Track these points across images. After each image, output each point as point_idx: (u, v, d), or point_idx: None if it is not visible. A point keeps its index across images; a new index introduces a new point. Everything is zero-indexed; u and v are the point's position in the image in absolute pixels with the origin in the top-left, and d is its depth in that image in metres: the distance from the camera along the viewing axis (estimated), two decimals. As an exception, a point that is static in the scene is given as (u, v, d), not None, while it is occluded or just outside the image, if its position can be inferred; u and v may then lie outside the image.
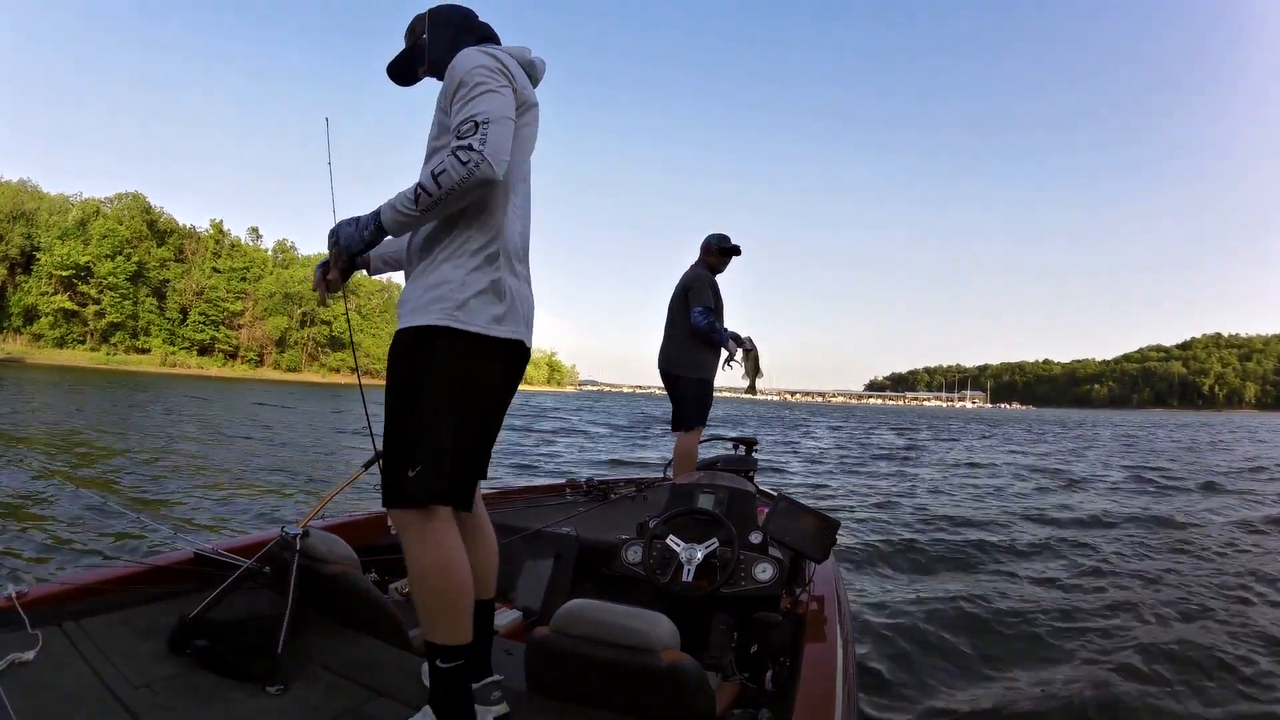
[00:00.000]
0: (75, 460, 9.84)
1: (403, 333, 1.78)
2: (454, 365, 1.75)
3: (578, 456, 15.43)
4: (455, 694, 1.71)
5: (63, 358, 73.00)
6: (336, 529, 2.80)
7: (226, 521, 6.59)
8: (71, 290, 77.68)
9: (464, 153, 1.63)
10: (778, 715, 2.00)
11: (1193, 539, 7.68)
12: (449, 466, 1.75)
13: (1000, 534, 7.75)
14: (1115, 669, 3.95)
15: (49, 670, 1.73)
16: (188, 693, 1.76)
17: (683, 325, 4.77)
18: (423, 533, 1.72)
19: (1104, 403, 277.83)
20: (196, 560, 2.41)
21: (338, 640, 2.16)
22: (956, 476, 14.03)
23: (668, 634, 1.83)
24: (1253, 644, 4.33)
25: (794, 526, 2.67)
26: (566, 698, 1.89)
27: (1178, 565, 6.46)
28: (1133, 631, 4.55)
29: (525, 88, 1.86)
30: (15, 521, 5.81)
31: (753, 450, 4.70)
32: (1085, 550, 6.95)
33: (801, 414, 65.20)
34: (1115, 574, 6.05)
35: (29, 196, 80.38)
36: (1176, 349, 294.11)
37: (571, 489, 4.65)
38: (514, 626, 2.84)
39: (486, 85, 1.72)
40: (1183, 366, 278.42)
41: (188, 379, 60.69)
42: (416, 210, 1.69)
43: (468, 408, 1.78)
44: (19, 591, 1.98)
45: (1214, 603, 5.20)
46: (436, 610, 1.71)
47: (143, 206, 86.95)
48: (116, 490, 7.94)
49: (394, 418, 1.77)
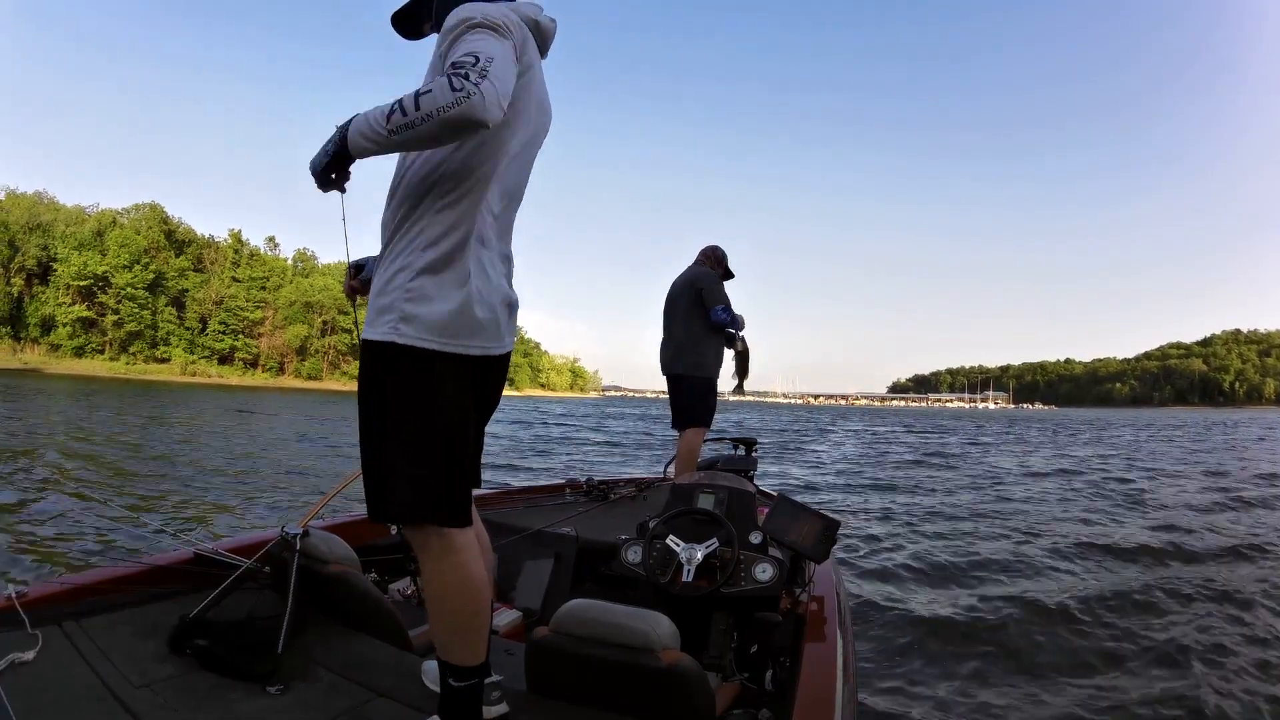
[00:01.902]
0: (75, 460, 9.96)
1: (363, 344, 1.65)
2: (408, 385, 1.61)
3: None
4: (467, 713, 1.67)
5: (81, 367, 73.56)
6: (336, 529, 2.81)
7: (226, 521, 6.64)
8: (89, 300, 78.36)
9: (457, 79, 1.38)
10: (778, 715, 2.00)
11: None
12: (427, 486, 1.63)
13: (1008, 539, 7.69)
14: (1117, 674, 3.94)
15: (49, 670, 1.73)
16: (188, 693, 1.77)
17: (688, 325, 4.75)
18: (443, 552, 1.64)
19: (1125, 401, 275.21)
20: (196, 560, 2.41)
21: (338, 640, 2.16)
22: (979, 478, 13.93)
23: (668, 634, 1.83)
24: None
25: (794, 526, 2.67)
26: (566, 698, 1.89)
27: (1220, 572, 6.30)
28: (1139, 641, 4.48)
29: (529, 48, 1.67)
30: (16, 521, 5.87)
31: (753, 450, 4.70)
32: (1099, 558, 6.84)
33: (826, 417, 64.74)
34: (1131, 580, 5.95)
35: (45, 208, 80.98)
36: (1196, 346, 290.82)
37: (571, 489, 4.65)
38: (514, 626, 2.84)
39: (491, 27, 1.53)
40: (1203, 364, 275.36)
41: (207, 388, 61.08)
42: (384, 130, 1.43)
43: (430, 427, 1.63)
44: (19, 591, 1.98)
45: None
46: (454, 631, 1.65)
47: (160, 217, 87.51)
48: (117, 489, 8.02)
49: (362, 434, 1.67)
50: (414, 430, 1.62)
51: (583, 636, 1.83)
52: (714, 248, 5.01)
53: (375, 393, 1.64)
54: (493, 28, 1.53)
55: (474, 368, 1.70)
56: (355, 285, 1.95)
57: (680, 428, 4.78)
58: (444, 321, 1.61)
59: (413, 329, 1.59)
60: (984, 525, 8.50)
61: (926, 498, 10.92)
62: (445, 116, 1.38)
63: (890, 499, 10.61)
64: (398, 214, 1.68)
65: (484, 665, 1.73)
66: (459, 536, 1.66)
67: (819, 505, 4.35)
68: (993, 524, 8.58)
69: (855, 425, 41.19)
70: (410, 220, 1.65)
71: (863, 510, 9.52)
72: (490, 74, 1.41)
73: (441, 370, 1.62)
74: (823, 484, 12.66)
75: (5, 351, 73.41)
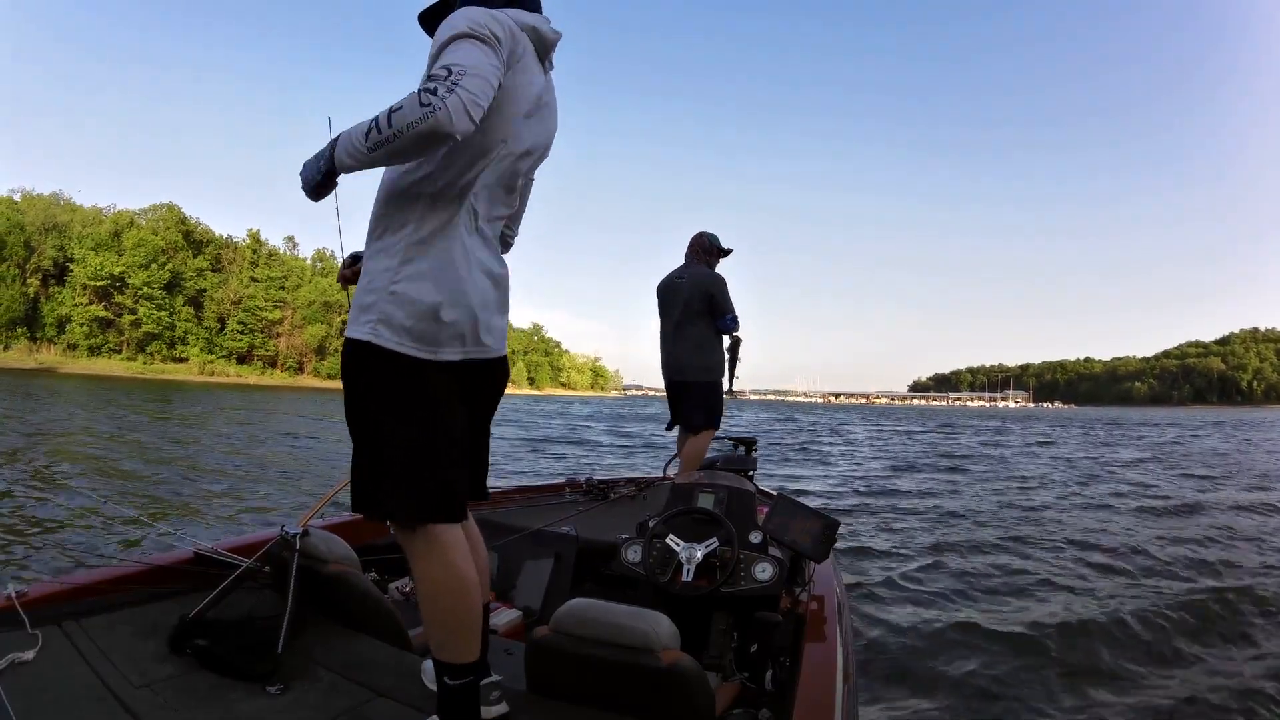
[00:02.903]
0: (76, 460, 10.04)
1: (345, 341, 1.68)
2: (384, 385, 1.64)
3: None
4: (465, 710, 1.69)
5: (98, 367, 73.98)
6: (336, 529, 2.81)
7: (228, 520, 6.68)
8: (106, 300, 78.78)
9: (425, 94, 1.43)
10: (778, 715, 1.99)
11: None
12: (408, 485, 1.65)
13: (1009, 540, 7.67)
14: (1120, 679, 3.92)
15: (49, 670, 1.74)
16: (188, 693, 1.77)
17: (697, 330, 4.70)
18: (429, 551, 1.65)
19: (1145, 400, 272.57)
20: (196, 560, 2.42)
21: (338, 640, 2.17)
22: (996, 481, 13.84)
23: (668, 634, 1.83)
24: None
25: (794, 526, 2.66)
26: (566, 698, 1.89)
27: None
28: (1143, 646, 4.46)
29: (524, 54, 1.68)
30: (15, 521, 5.91)
31: (753, 450, 4.68)
32: (1102, 563, 6.74)
33: (847, 415, 64.36)
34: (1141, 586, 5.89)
35: (61, 209, 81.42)
36: (1215, 344, 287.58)
37: (571, 488, 4.64)
38: (514, 626, 2.85)
39: (476, 37, 1.54)
40: (1221, 362, 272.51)
41: (224, 387, 61.39)
42: (364, 147, 1.48)
43: (407, 428, 1.64)
44: (19, 591, 1.99)
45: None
46: (448, 630, 1.67)
47: (178, 217, 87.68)
48: (117, 489, 8.07)
49: (349, 430, 1.71)
50: (391, 430, 1.64)
51: (583, 636, 1.83)
52: (703, 236, 4.91)
53: (354, 391, 1.67)
54: (478, 37, 1.54)
55: (459, 372, 1.71)
56: (348, 275, 1.97)
57: (686, 428, 4.77)
58: (421, 326, 1.62)
59: (391, 331, 1.61)
60: (984, 526, 8.48)
61: (928, 498, 10.91)
62: (415, 132, 1.42)
63: (891, 500, 10.59)
64: (381, 213, 1.70)
65: (480, 663, 1.74)
66: (445, 534, 1.67)
67: (820, 505, 4.33)
68: (994, 525, 8.57)
69: (859, 428, 40.79)
70: (392, 220, 1.67)
71: (863, 510, 9.52)
72: (460, 86, 1.44)
73: (419, 373, 1.64)
74: (825, 485, 12.66)
75: (21, 351, 73.90)
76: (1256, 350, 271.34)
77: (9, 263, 74.31)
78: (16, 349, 74.02)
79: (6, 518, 6.05)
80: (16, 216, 77.00)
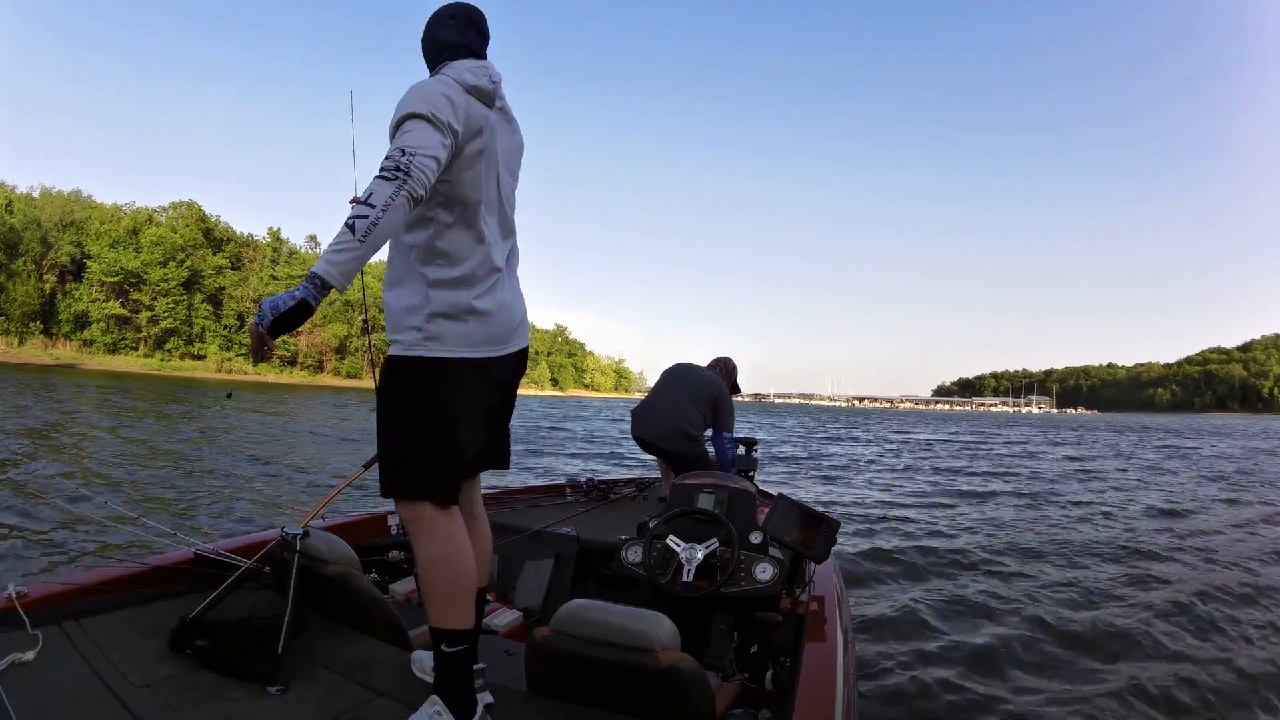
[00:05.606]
0: (77, 459, 10.12)
1: (388, 359, 1.90)
2: (420, 392, 1.85)
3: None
4: (460, 676, 1.79)
5: (115, 363, 73.98)
6: (336, 529, 2.84)
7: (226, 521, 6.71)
8: (124, 297, 78.93)
9: (389, 173, 1.67)
10: (778, 715, 1.99)
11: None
12: (436, 469, 1.84)
13: (1010, 542, 7.67)
14: (1120, 681, 3.89)
15: (49, 670, 1.76)
16: (188, 692, 1.79)
17: (692, 422, 4.45)
18: (431, 524, 1.82)
19: (1167, 407, 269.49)
20: (197, 560, 2.44)
21: (338, 640, 2.18)
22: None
23: (668, 634, 1.84)
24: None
25: (794, 526, 2.67)
26: (567, 698, 1.90)
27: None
28: (1145, 649, 4.43)
29: (475, 116, 1.87)
30: (16, 521, 5.94)
31: (753, 450, 4.67)
32: (1104, 566, 6.74)
33: (873, 420, 64.00)
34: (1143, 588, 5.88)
35: (80, 206, 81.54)
36: (1237, 351, 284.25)
37: (572, 489, 4.66)
38: (514, 626, 2.86)
39: (424, 118, 1.76)
40: (1243, 369, 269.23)
41: (241, 385, 61.57)
42: (357, 242, 1.61)
43: (434, 425, 1.85)
44: (19, 591, 2.01)
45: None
46: (444, 597, 1.81)
47: (198, 215, 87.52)
48: (118, 490, 8.10)
49: (378, 426, 1.90)
50: (416, 426, 1.86)
51: (583, 637, 1.84)
52: (726, 360, 4.89)
53: (392, 397, 1.88)
54: (425, 118, 1.76)
55: (489, 367, 1.94)
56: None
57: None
58: (460, 333, 1.87)
59: (438, 345, 1.85)
60: (987, 527, 8.48)
61: (931, 498, 10.91)
62: (396, 203, 1.65)
63: (892, 499, 10.59)
64: (408, 238, 1.92)
65: (474, 635, 1.85)
66: (445, 510, 1.85)
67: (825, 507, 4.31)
68: (997, 527, 8.55)
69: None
70: (419, 244, 1.89)
71: (864, 510, 9.51)
72: (414, 164, 1.69)
73: (452, 376, 1.86)
74: (830, 484, 12.68)
75: (37, 347, 74.14)
76: (1278, 357, 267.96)
77: (25, 258, 74.53)
78: (31, 344, 74.33)
79: (6, 516, 6.09)
80: (34, 213, 77.31)
